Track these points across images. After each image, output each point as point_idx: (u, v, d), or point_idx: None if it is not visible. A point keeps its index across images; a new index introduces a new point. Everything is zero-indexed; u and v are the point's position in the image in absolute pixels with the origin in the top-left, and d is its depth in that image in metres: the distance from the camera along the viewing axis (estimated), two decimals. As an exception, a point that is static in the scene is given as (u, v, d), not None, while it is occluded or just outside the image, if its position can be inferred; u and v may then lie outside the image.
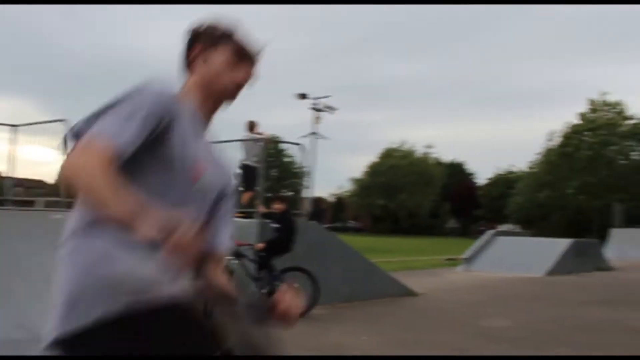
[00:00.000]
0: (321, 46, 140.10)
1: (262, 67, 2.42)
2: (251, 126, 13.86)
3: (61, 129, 11.12)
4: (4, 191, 12.78)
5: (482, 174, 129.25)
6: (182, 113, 2.21)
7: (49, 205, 12.72)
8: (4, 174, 13.02)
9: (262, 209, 12.31)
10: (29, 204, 12.93)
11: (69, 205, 11.70)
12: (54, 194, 13.07)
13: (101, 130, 2.05)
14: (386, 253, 31.63)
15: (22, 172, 12.53)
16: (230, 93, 2.37)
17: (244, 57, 2.38)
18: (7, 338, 7.63)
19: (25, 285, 8.62)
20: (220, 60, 2.34)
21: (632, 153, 56.24)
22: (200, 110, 2.34)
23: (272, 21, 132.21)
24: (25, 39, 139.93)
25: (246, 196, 13.36)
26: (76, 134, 2.13)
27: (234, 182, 2.55)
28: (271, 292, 11.23)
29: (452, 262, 25.49)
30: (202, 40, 2.38)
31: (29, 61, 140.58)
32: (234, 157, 13.53)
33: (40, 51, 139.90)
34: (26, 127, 12.18)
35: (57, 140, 11.28)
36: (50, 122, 11.49)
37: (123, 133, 2.04)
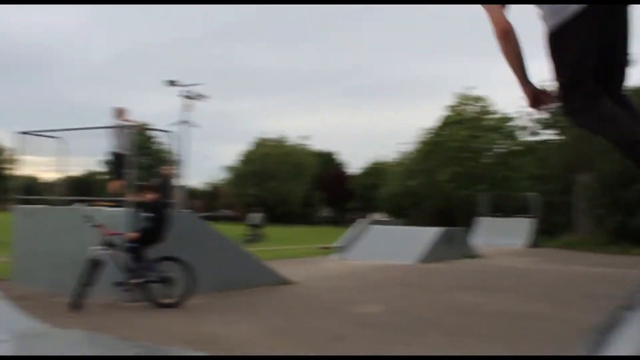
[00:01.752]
0: (194, 33, 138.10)
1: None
2: (119, 113, 13.49)
3: None
4: None
5: (357, 164, 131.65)
6: None
7: None
8: None
9: (132, 197, 11.99)
10: None
11: None
12: None
13: None
14: (260, 242, 31.69)
15: None
16: None
17: None
18: None
19: None
20: None
21: (496, 146, 58.59)
22: None
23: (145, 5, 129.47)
24: None
25: (116, 184, 13.00)
26: None
27: None
28: (144, 282, 10.99)
29: (326, 251, 25.73)
30: None
31: None
32: (103, 144, 13.14)
33: None
34: None
35: None
36: None
37: None
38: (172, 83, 45.31)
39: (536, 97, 3.34)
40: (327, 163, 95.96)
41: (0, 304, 8.90)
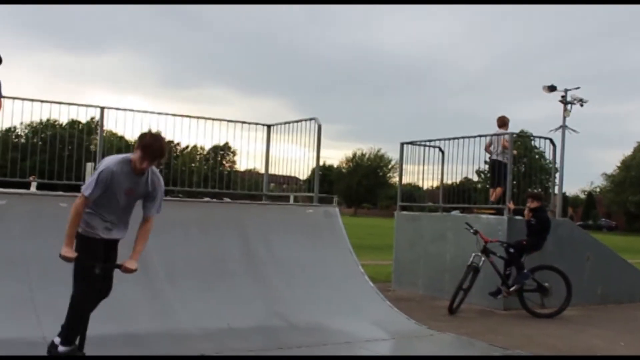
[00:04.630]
0: (568, 36, 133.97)
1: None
2: (502, 122, 13.51)
3: (312, 127, 11.58)
4: (260, 187, 13.53)
5: None
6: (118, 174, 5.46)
7: (300, 200, 13.28)
8: (259, 171, 13.79)
9: (512, 205, 11.99)
10: (283, 199, 13.56)
11: (320, 200, 12.24)
12: (305, 189, 13.61)
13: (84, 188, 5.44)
14: (643, 253, 29.69)
15: (276, 169, 13.16)
16: (139, 170, 5.50)
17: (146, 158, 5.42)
18: (265, 325, 8.10)
19: (280, 275, 9.12)
20: (136, 156, 5.47)
21: None
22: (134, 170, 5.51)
23: (510, 16, 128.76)
24: (278, 43, 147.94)
25: (496, 192, 13.02)
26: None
27: (154, 190, 5.67)
28: (520, 291, 10.96)
29: None
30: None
31: (279, 64, 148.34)
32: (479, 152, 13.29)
33: (290, 51, 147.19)
34: (280, 125, 12.83)
35: (308, 138, 11.79)
36: (301, 120, 11.97)
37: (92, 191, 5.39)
38: (551, 88, 44.41)
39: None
40: None
41: (382, 305, 9.57)
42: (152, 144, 5.42)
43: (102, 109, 10.77)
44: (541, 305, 10.99)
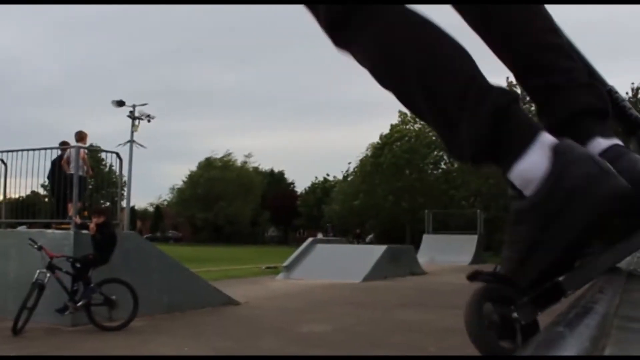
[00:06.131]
0: (141, 53, 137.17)
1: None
2: (80, 137, 13.39)
3: None
4: None
5: (301, 183, 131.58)
6: None
7: None
8: None
9: (77, 220, 11.85)
10: None
11: None
12: None
13: None
14: (207, 262, 31.34)
15: None
16: None
17: None
18: None
19: None
20: None
21: (441, 164, 59.67)
22: None
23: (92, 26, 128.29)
24: None
25: (75, 207, 12.72)
26: None
27: None
28: (87, 305, 10.85)
29: (273, 271, 25.70)
30: None
31: None
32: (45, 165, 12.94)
33: None
34: None
35: None
36: None
37: None
38: (120, 103, 44.90)
39: None
40: (275, 182, 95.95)
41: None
42: None
43: None
44: (109, 319, 10.99)
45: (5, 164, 13.39)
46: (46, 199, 18.96)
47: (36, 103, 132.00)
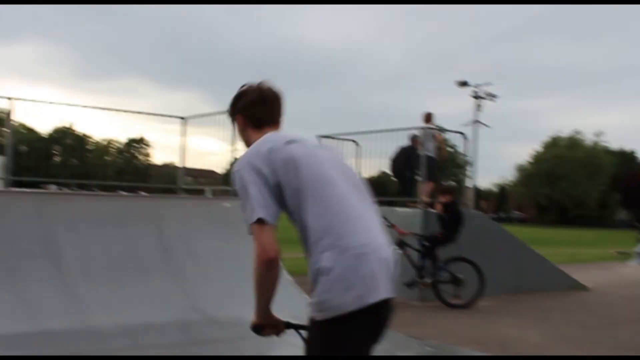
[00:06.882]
0: (483, 32, 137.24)
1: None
2: (427, 118, 13.70)
3: (228, 120, 11.47)
4: (176, 181, 13.35)
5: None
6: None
7: (217, 193, 13.16)
8: (175, 164, 13.60)
9: (426, 198, 12.19)
10: (199, 192, 13.40)
11: (236, 194, 12.06)
12: (222, 183, 13.48)
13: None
14: (552, 244, 30.51)
15: (192, 162, 13.01)
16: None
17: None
18: (182, 319, 8.00)
19: (197, 270, 9.02)
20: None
21: None
22: None
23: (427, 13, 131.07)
24: (195, 35, 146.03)
25: (427, 187, 13.13)
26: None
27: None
28: (435, 283, 11.15)
29: (624, 256, 24.27)
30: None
31: (197, 55, 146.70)
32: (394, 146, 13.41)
33: (207, 46, 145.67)
34: (195, 118, 12.70)
35: (224, 131, 11.68)
36: (217, 113, 11.85)
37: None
38: (463, 84, 45.38)
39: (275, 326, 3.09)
40: (624, 163, 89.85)
41: (300, 298, 9.57)
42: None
43: (11, 99, 10.40)
44: (456, 297, 11.21)
45: (357, 145, 14.20)
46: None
47: (382, 87, 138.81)
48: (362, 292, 2.66)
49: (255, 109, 3.13)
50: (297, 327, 3.08)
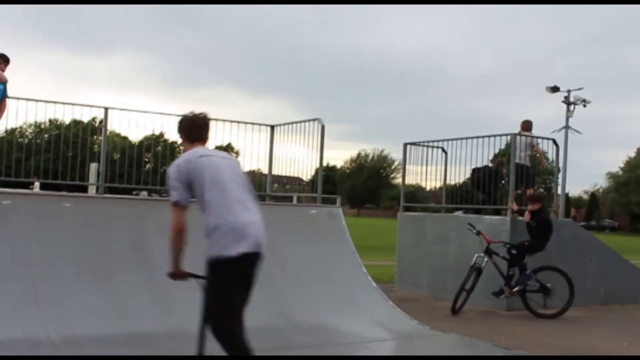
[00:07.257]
0: (571, 37, 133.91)
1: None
2: (526, 126, 13.38)
3: (315, 128, 11.59)
4: (263, 188, 13.51)
5: None
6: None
7: (304, 200, 13.27)
8: (262, 172, 13.78)
9: (515, 206, 11.98)
10: (287, 199, 13.53)
11: (324, 201, 12.25)
12: (309, 190, 13.59)
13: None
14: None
15: (279, 169, 13.19)
16: None
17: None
18: (268, 325, 8.09)
19: (284, 275, 9.11)
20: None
21: None
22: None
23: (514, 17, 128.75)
24: (282, 44, 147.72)
25: (517, 196, 12.83)
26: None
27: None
28: (523, 291, 10.97)
29: None
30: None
31: (283, 64, 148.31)
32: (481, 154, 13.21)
33: (294, 52, 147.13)
34: (283, 126, 12.84)
35: (311, 139, 11.79)
36: (305, 121, 11.97)
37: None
38: (554, 89, 44.41)
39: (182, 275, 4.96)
40: None
41: (386, 305, 9.58)
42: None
43: (106, 109, 10.78)
44: (544, 306, 11.00)
45: (445, 152, 14.08)
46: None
47: (470, 93, 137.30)
48: (237, 245, 4.53)
49: (189, 131, 4.92)
50: (196, 277, 4.84)
